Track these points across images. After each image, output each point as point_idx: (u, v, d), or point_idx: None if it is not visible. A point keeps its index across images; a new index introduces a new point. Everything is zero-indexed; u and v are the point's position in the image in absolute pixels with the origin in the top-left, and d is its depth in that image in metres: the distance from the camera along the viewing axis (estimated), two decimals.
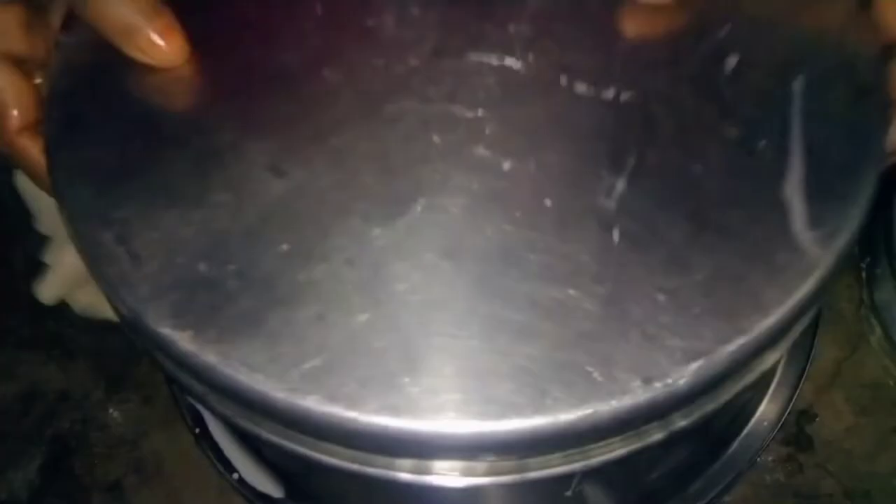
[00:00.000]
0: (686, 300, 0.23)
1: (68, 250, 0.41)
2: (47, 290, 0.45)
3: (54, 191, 0.27)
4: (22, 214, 0.54)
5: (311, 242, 0.25)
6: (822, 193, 0.25)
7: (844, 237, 0.24)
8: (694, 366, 0.22)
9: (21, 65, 0.30)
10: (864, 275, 0.45)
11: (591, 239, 0.24)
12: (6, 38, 0.29)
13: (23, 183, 0.41)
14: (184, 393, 0.41)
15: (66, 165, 0.27)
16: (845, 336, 0.45)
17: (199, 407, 0.42)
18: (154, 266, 0.24)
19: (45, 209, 0.42)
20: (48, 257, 0.42)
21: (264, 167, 0.26)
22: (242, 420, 0.26)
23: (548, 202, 0.25)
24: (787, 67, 0.27)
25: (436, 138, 0.26)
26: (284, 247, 0.25)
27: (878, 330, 0.44)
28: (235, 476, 0.41)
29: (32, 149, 0.30)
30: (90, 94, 0.28)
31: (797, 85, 0.26)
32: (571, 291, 0.23)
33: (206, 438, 0.42)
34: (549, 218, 0.25)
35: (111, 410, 0.47)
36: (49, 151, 0.27)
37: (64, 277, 0.43)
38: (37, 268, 0.51)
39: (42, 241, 0.47)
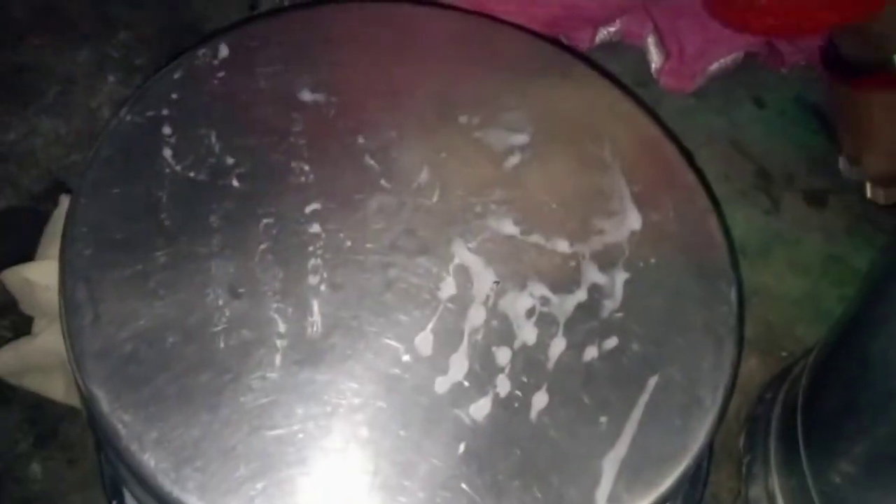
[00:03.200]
0: None
1: (41, 339, 0.43)
2: (2, 362, 0.46)
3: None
4: None
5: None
6: (631, 476, 0.30)
7: None
8: None
9: None
10: (743, 470, 0.50)
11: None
12: None
13: (8, 275, 0.43)
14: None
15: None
16: None
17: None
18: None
19: (25, 297, 0.43)
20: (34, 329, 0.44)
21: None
22: None
23: None
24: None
25: None
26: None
27: None
28: None
29: None
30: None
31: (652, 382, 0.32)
32: None
33: None
34: None
35: (34, 465, 0.47)
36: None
37: (20, 358, 0.44)
38: None
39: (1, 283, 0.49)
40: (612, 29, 0.60)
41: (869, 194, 0.58)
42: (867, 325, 0.40)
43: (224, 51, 0.38)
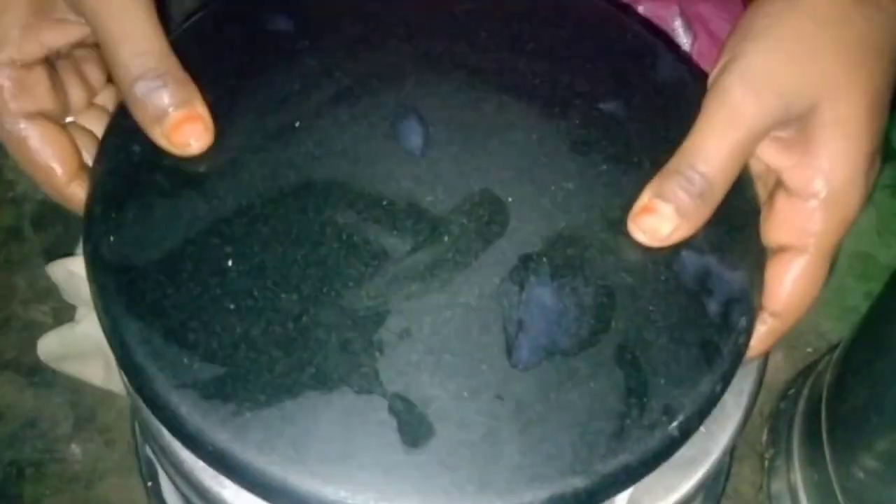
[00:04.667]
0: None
1: (83, 326, 0.45)
2: (46, 348, 0.47)
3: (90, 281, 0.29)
4: (32, 243, 0.57)
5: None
6: (650, 479, 0.28)
7: None
8: None
9: (52, 119, 0.32)
10: (765, 464, 0.50)
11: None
12: (35, 98, 0.31)
13: (53, 268, 0.44)
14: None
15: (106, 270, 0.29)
16: None
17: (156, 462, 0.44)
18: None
19: (70, 287, 0.45)
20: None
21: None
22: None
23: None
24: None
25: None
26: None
27: None
28: None
29: (83, 195, 0.31)
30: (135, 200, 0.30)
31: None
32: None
33: (156, 493, 0.44)
34: None
35: (73, 446, 0.49)
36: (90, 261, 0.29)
37: (65, 345, 0.46)
38: (36, 295, 0.54)
39: (44, 269, 0.50)
40: (639, 8, 0.61)
41: None
42: (893, 321, 0.40)
43: None
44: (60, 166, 0.31)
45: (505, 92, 0.33)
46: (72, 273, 0.45)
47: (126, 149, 0.31)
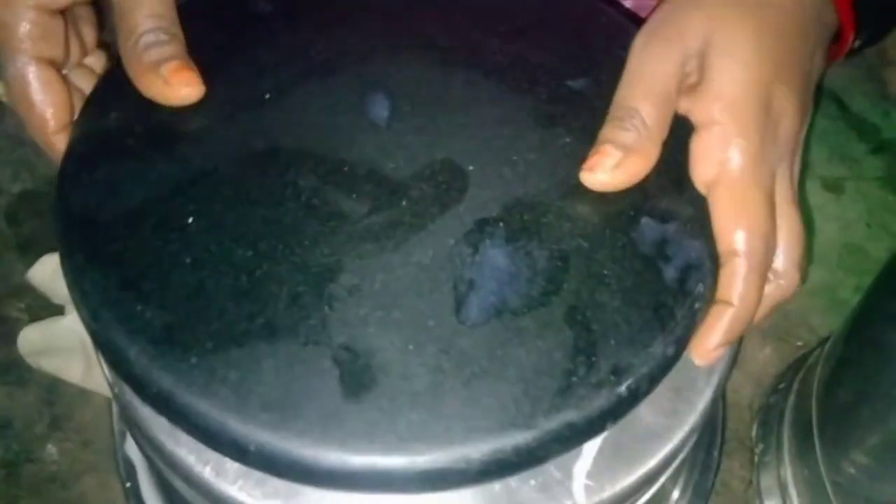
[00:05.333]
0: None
1: (67, 320, 0.44)
2: (26, 340, 0.46)
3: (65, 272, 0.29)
4: (7, 237, 0.56)
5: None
6: (613, 453, 0.29)
7: None
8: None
9: (57, 68, 0.33)
10: (755, 459, 0.49)
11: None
12: (50, 45, 0.33)
13: (33, 272, 0.44)
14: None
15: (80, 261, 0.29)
16: None
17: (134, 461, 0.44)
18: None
19: (56, 285, 0.44)
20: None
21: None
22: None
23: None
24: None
25: None
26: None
27: None
28: None
29: (64, 147, 0.32)
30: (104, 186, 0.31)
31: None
32: None
33: (135, 493, 0.43)
34: None
35: (49, 446, 0.48)
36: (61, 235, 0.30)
37: (46, 339, 0.45)
38: (11, 291, 0.53)
39: (21, 265, 0.49)
40: (627, 3, 0.60)
41: None
42: (884, 314, 0.40)
43: None
44: (53, 115, 0.33)
45: (473, 68, 0.34)
46: (56, 271, 0.44)
47: (105, 114, 0.32)
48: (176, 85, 0.31)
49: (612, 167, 0.30)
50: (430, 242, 0.29)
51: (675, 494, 0.45)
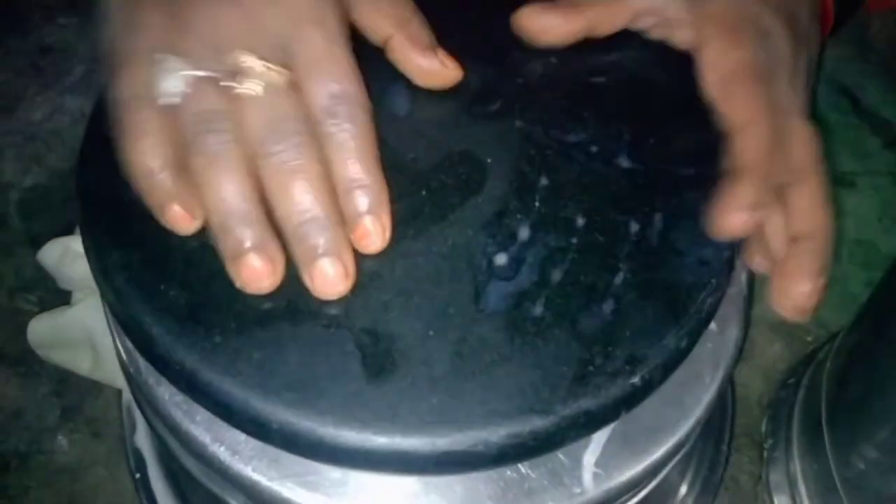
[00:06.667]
0: None
1: (74, 310, 0.44)
2: (36, 332, 0.47)
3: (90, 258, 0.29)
4: (19, 231, 0.56)
5: None
6: (621, 442, 0.30)
7: None
8: None
9: None
10: (764, 454, 0.49)
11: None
12: None
13: (42, 254, 0.44)
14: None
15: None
16: None
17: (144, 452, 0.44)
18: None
19: (65, 268, 0.44)
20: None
21: None
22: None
23: None
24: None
25: None
26: None
27: None
28: None
29: None
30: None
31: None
32: None
33: (144, 485, 0.43)
34: None
35: (60, 437, 0.48)
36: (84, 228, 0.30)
37: (55, 330, 0.45)
38: (22, 284, 0.53)
39: (32, 259, 0.49)
40: None
41: None
42: (894, 310, 0.39)
43: None
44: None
45: (495, 66, 0.34)
46: (68, 249, 0.44)
47: None
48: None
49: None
50: (449, 232, 0.30)
51: (684, 489, 0.45)
